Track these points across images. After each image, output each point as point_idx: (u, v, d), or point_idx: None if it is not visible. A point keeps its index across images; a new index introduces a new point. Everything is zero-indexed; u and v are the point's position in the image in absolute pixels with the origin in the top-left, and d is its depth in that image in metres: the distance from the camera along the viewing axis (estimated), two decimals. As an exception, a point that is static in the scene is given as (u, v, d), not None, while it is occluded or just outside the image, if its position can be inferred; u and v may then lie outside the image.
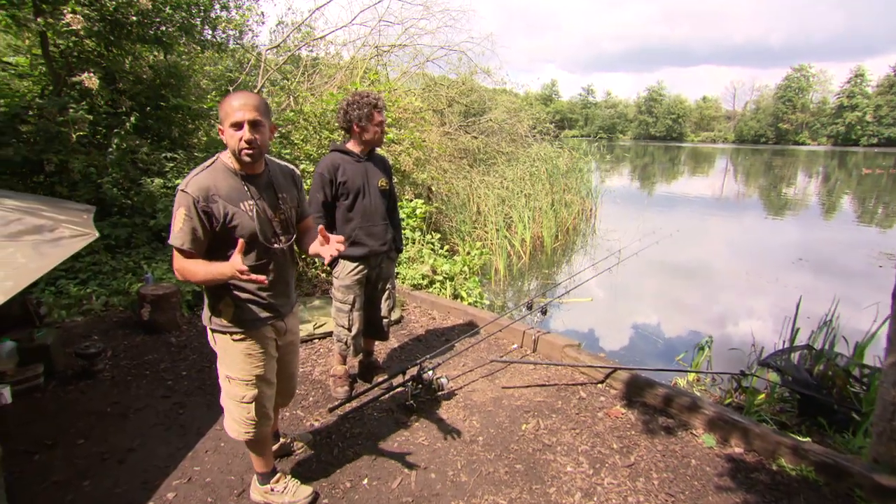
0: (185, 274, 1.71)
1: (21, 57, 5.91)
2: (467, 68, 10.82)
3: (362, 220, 2.86)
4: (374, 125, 2.79)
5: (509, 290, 7.20)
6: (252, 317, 1.87)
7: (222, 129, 1.74)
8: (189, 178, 1.71)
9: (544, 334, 3.79)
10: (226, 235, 1.74)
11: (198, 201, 1.67)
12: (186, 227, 1.67)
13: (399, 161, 6.47)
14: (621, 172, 26.83)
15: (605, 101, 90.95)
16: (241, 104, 1.69)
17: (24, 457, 2.52)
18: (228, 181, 1.76)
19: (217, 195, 1.71)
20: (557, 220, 9.97)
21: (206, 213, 1.69)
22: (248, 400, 1.91)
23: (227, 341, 1.86)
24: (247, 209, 1.78)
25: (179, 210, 1.67)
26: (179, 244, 1.68)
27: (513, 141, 12.23)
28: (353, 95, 2.78)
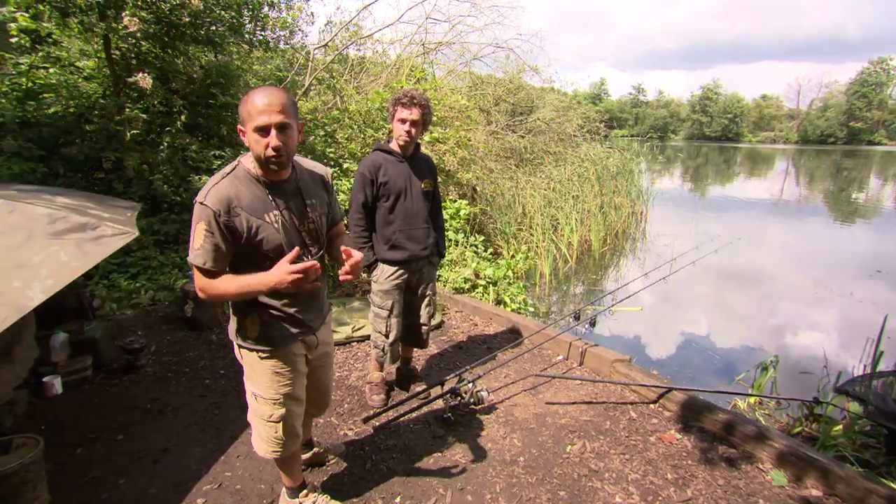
0: (210, 293, 1.56)
1: (91, 61, 6.20)
2: (515, 66, 10.58)
3: (403, 222, 2.74)
4: (397, 121, 2.62)
5: (554, 294, 6.93)
6: (280, 334, 1.74)
7: (243, 131, 1.56)
8: (208, 188, 1.53)
9: (592, 347, 3.55)
10: (250, 250, 1.59)
11: (219, 215, 1.50)
12: (208, 244, 1.51)
13: (443, 160, 6.34)
14: (673, 174, 25.66)
15: (657, 99, 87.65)
16: (266, 104, 1.47)
17: (69, 450, 2.56)
18: (252, 190, 1.59)
19: (239, 207, 1.54)
20: (606, 224, 9.57)
21: (228, 227, 1.53)
22: (276, 419, 1.80)
23: (254, 358, 1.75)
24: (272, 220, 1.61)
25: (199, 225, 1.50)
26: (201, 263, 1.52)
27: (560, 140, 11.87)
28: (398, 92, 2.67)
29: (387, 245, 2.73)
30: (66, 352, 3.25)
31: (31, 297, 1.87)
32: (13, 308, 1.81)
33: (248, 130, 1.51)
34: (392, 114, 2.64)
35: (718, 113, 76.51)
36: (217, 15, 4.70)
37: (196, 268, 1.56)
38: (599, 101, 76.53)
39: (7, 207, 2.18)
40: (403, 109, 2.57)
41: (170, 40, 5.23)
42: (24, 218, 2.17)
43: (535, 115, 11.44)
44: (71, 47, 6.42)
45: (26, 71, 5.42)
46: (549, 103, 11.99)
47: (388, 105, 2.67)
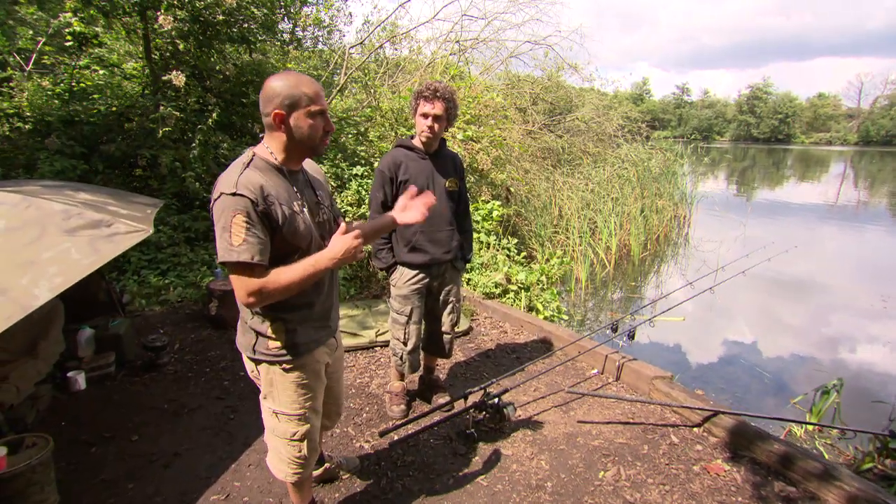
0: (272, 290, 1.37)
1: (136, 62, 6.35)
2: (553, 64, 10.26)
3: (424, 223, 2.55)
4: (419, 116, 2.45)
5: (591, 300, 6.62)
6: (306, 339, 1.60)
7: (282, 114, 1.43)
8: (232, 177, 1.38)
9: (630, 361, 3.28)
10: (280, 242, 1.45)
11: (256, 204, 1.36)
12: (252, 237, 1.35)
13: (476, 160, 6.14)
14: (718, 176, 24.49)
15: (702, 100, 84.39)
16: (318, 91, 1.46)
17: (83, 448, 2.52)
18: (277, 180, 1.49)
19: (272, 195, 1.43)
20: (647, 228, 9.13)
21: (266, 216, 1.40)
22: (300, 437, 1.65)
23: (276, 372, 1.59)
24: (298, 210, 1.52)
25: (236, 218, 1.34)
26: (249, 258, 1.33)
27: (600, 141, 11.45)
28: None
29: (406, 247, 2.57)
30: (91, 347, 3.26)
31: (36, 295, 1.80)
32: (18, 307, 1.75)
33: (301, 115, 1.43)
34: (414, 108, 2.48)
35: (768, 113, 72.89)
36: (250, 13, 4.68)
37: (241, 268, 1.35)
38: (641, 102, 74.38)
39: (24, 203, 2.15)
40: (426, 103, 2.40)
41: (205, 39, 5.28)
42: (40, 214, 2.13)
43: (574, 114, 11.07)
44: (118, 48, 6.62)
45: (77, 73, 5.61)
46: (588, 102, 11.58)
47: (411, 99, 2.51)
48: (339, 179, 5.63)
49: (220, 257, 1.37)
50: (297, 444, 1.67)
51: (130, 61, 6.48)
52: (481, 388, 2.71)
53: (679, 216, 11.03)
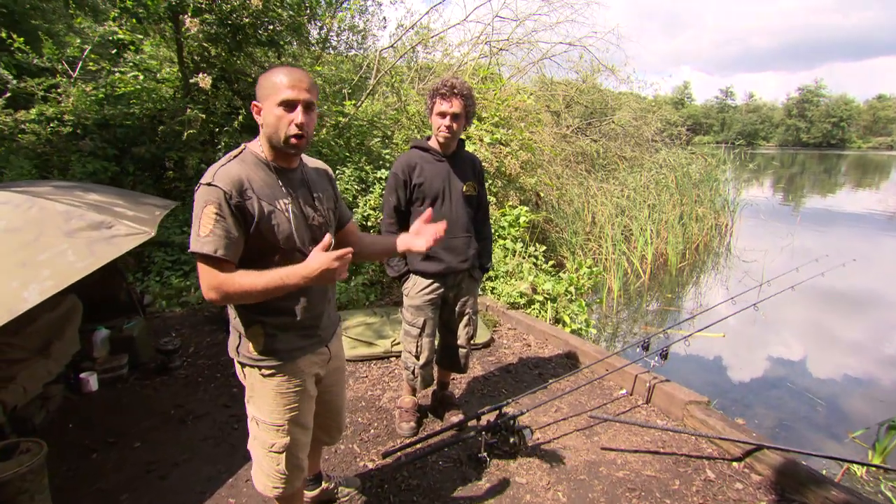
0: (228, 290, 1.30)
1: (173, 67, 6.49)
2: (589, 66, 9.94)
3: None
4: (436, 115, 2.29)
5: (624, 312, 6.28)
6: (287, 346, 1.49)
7: (259, 107, 1.39)
8: (214, 169, 1.35)
9: (662, 382, 3.01)
10: (258, 240, 1.38)
11: (230, 196, 1.30)
12: (219, 229, 1.30)
13: (504, 164, 5.95)
14: (763, 183, 23.25)
15: (747, 104, 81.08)
16: (294, 80, 1.34)
17: (85, 453, 2.48)
18: (261, 174, 1.40)
19: (251, 189, 1.35)
20: (686, 236, 8.67)
21: (239, 209, 1.33)
22: (279, 449, 1.54)
23: (256, 377, 1.50)
24: (283, 208, 1.42)
25: (207, 208, 1.29)
26: (211, 250, 1.28)
27: (637, 146, 11.02)
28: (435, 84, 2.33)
29: (420, 255, 2.41)
30: (106, 348, 3.25)
31: (25, 298, 1.74)
32: (4, 310, 1.68)
33: (270, 106, 1.36)
34: (430, 107, 2.33)
35: (820, 117, 69.28)
36: (276, 14, 4.67)
37: (204, 260, 1.30)
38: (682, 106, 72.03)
39: (28, 203, 2.11)
40: (443, 101, 2.24)
41: (236, 43, 5.31)
42: (42, 215, 2.08)
43: (610, 118, 10.70)
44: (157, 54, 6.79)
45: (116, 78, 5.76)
46: (624, 106, 11.17)
47: (426, 97, 2.35)
48: (364, 183, 5.55)
49: (190, 247, 1.32)
50: (275, 456, 1.55)
51: (168, 66, 6.64)
52: (496, 408, 2.51)
53: (720, 224, 10.46)
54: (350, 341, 3.69)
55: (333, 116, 6.31)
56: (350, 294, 4.53)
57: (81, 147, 4.87)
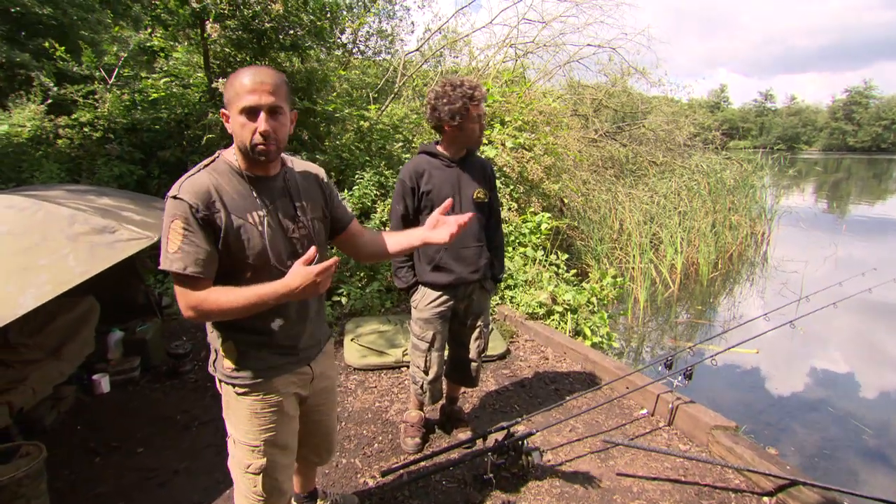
0: (205, 309, 1.25)
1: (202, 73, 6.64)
2: (619, 69, 9.67)
3: None
4: (471, 122, 2.20)
5: (651, 324, 6.02)
6: (261, 365, 1.41)
7: (227, 115, 1.32)
8: (182, 180, 1.28)
9: (686, 403, 2.81)
10: (227, 256, 1.30)
11: (196, 210, 1.24)
12: (188, 245, 1.24)
13: (526, 168, 5.80)
14: (804, 190, 22.18)
15: (788, 107, 77.95)
16: (255, 83, 1.26)
17: (88, 457, 2.48)
18: (233, 185, 1.32)
19: (219, 202, 1.28)
20: (719, 245, 8.30)
21: (207, 222, 1.26)
22: (254, 470, 1.46)
23: (231, 394, 1.44)
24: (256, 222, 1.33)
25: (174, 223, 1.24)
26: (181, 268, 1.22)
27: (668, 150, 10.65)
28: (443, 86, 2.20)
29: (430, 265, 2.31)
30: (119, 350, 3.27)
31: (21, 303, 1.72)
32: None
33: (233, 113, 1.29)
34: (461, 111, 2.17)
35: (869, 120, 65.94)
36: (297, 19, 4.68)
37: (177, 278, 1.25)
38: (718, 110, 69.88)
39: (34, 207, 2.11)
40: (478, 106, 2.17)
41: (260, 48, 5.36)
42: (47, 219, 2.08)
43: (641, 121, 10.38)
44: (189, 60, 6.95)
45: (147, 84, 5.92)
46: (655, 109, 10.83)
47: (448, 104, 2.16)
48: (384, 188, 5.50)
49: (161, 264, 1.25)
50: (251, 478, 1.48)
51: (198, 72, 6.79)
52: (504, 429, 2.38)
53: (756, 233, 9.99)
54: (361, 349, 3.61)
55: (355, 121, 6.30)
56: (365, 300, 4.47)
57: (109, 151, 5.00)
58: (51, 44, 6.41)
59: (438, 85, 2.21)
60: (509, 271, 4.80)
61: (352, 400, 3.08)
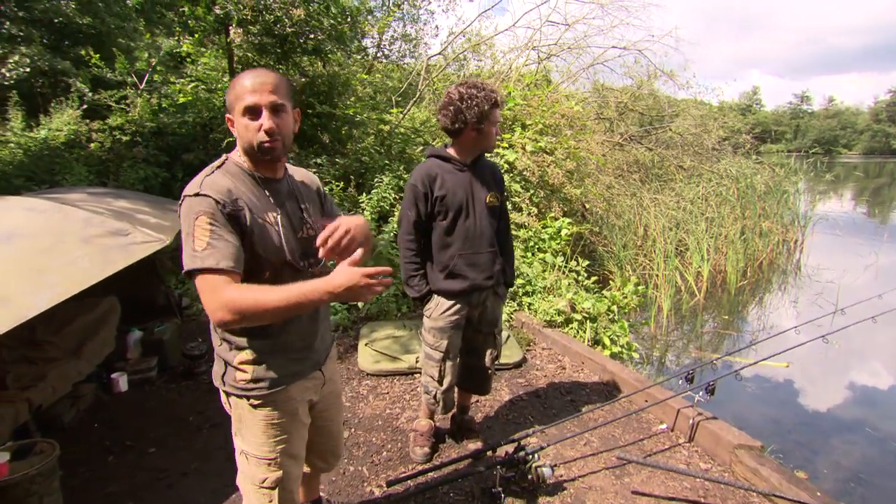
0: (242, 307, 1.14)
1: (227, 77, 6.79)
2: (645, 71, 9.46)
3: (464, 245, 2.24)
4: (491, 126, 2.18)
5: (674, 333, 5.82)
6: (278, 373, 1.38)
7: (231, 119, 1.31)
8: (198, 180, 1.25)
9: (708, 420, 2.68)
10: (249, 256, 1.26)
11: (223, 205, 1.21)
12: (218, 241, 1.17)
13: (547, 173, 5.70)
14: (842, 195, 21.25)
15: (826, 109, 75.10)
16: (256, 83, 1.25)
17: (103, 456, 2.52)
18: (248, 186, 1.31)
19: (241, 199, 1.26)
20: (748, 252, 8.00)
21: (232, 218, 1.22)
22: (270, 484, 1.43)
23: (244, 407, 1.39)
24: (273, 222, 1.32)
25: (200, 219, 1.18)
26: (213, 263, 1.15)
27: (696, 154, 10.35)
28: (465, 87, 2.14)
29: (443, 273, 2.25)
30: (138, 350, 3.33)
31: (34, 304, 1.75)
32: (12, 317, 1.69)
33: (237, 115, 1.28)
34: (480, 116, 2.15)
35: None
36: (318, 23, 4.73)
37: (206, 276, 1.16)
38: (750, 113, 67.83)
39: (53, 210, 2.16)
40: (497, 110, 2.16)
41: (283, 53, 5.44)
42: (64, 221, 2.12)
43: (667, 125, 10.13)
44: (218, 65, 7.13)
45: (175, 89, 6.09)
46: (682, 112, 10.55)
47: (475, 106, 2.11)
48: (402, 192, 5.50)
49: (186, 266, 1.18)
50: (266, 493, 1.44)
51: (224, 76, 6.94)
52: (514, 441, 2.31)
53: (789, 240, 9.60)
54: (374, 354, 3.59)
55: (375, 125, 6.33)
56: (381, 304, 4.46)
57: (136, 154, 5.14)
58: (87, 51, 6.65)
59: (460, 87, 2.16)
60: (528, 277, 4.72)
61: (363, 406, 3.06)
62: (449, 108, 2.15)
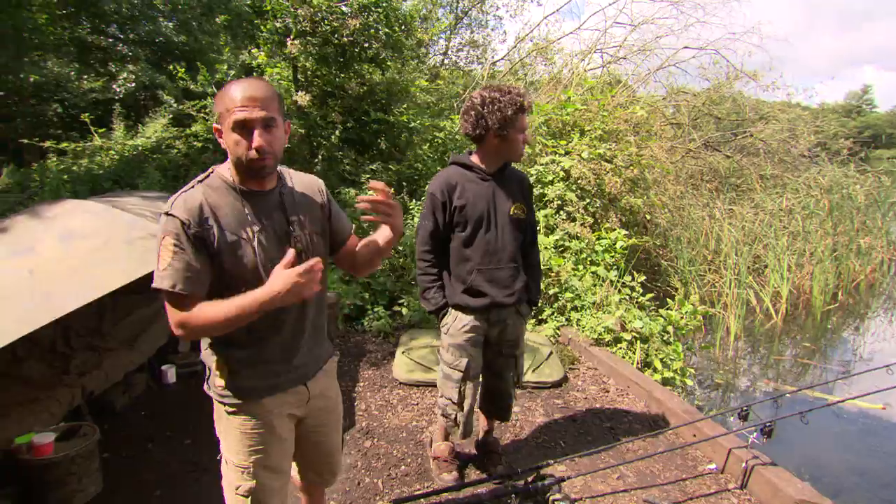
0: (193, 326, 1.24)
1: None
2: (724, 73, 8.77)
3: (483, 259, 2.14)
4: (517, 133, 2.06)
5: (743, 360, 5.30)
6: (251, 384, 1.38)
7: (219, 130, 1.29)
8: (175, 196, 1.28)
9: (765, 466, 2.37)
10: (220, 272, 1.29)
11: (188, 226, 1.23)
12: (178, 262, 1.22)
13: (603, 181, 5.42)
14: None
15: (956, 110, 65.67)
16: (246, 97, 1.22)
17: (143, 443, 2.67)
18: (227, 200, 1.30)
19: (212, 217, 1.26)
20: (840, 272, 7.14)
21: (199, 239, 1.25)
22: (243, 493, 1.42)
23: (221, 412, 1.42)
24: (249, 237, 1.31)
25: (165, 240, 1.23)
26: (169, 285, 1.21)
27: (781, 162, 9.43)
28: (488, 91, 2.05)
29: (462, 286, 2.16)
30: (188, 345, 3.53)
31: (69, 303, 1.87)
32: (47, 313, 1.83)
33: (226, 129, 1.26)
34: (505, 121, 2.04)
35: None
36: (373, 32, 4.82)
37: (166, 295, 1.23)
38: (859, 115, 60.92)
39: (105, 212, 2.33)
40: (524, 116, 2.05)
41: (345, 62, 5.62)
42: (113, 223, 2.28)
43: (749, 130, 9.31)
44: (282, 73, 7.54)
45: None
46: (767, 115, 9.64)
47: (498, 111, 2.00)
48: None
49: (153, 283, 1.24)
50: (241, 500, 1.43)
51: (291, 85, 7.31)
52: (534, 469, 2.17)
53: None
54: (409, 363, 3.56)
55: (430, 132, 6.35)
56: (423, 313, 4.43)
57: (204, 160, 5.51)
58: (175, 66, 7.28)
59: (484, 90, 2.07)
60: (576, 291, 4.49)
61: (391, 416, 3.03)
62: (470, 112, 2.07)
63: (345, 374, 3.55)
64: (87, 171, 6.25)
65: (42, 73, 10.44)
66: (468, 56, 15.02)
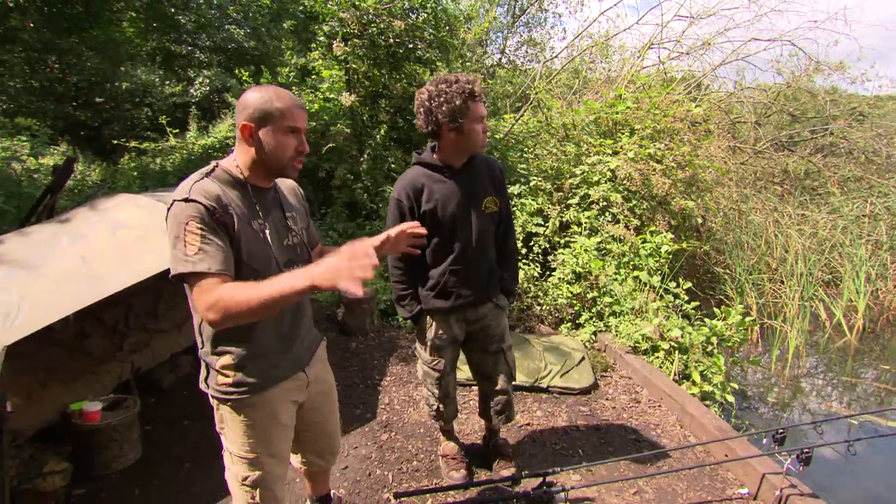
0: (228, 306, 1.18)
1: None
2: (801, 65, 8.06)
3: (457, 260, 2.06)
4: (472, 123, 1.90)
5: (806, 379, 4.86)
6: (257, 377, 1.44)
7: (251, 127, 1.34)
8: (186, 185, 1.30)
9: (803, 497, 2.18)
10: (236, 262, 1.33)
11: (213, 211, 1.25)
12: (209, 245, 1.22)
13: (652, 182, 5.17)
14: None
15: None
16: (299, 106, 1.39)
17: (181, 420, 2.90)
18: (237, 194, 1.38)
19: (230, 206, 1.32)
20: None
21: (222, 224, 1.27)
22: (251, 483, 1.51)
23: (225, 410, 1.48)
24: (258, 229, 1.39)
25: (190, 224, 1.23)
26: (205, 268, 1.20)
27: (869, 162, 8.52)
28: (434, 84, 1.91)
29: (433, 291, 2.11)
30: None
31: (108, 288, 2.07)
32: (93, 294, 2.03)
33: (275, 130, 1.35)
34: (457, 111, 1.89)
35: None
36: (419, 34, 4.89)
37: (196, 279, 1.22)
38: (977, 111, 53.37)
39: (150, 206, 2.54)
40: (479, 104, 1.91)
41: (395, 63, 5.76)
42: (154, 216, 2.48)
43: (829, 127, 8.50)
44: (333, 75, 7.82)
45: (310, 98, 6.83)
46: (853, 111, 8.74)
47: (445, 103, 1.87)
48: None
49: (173, 269, 1.25)
50: (248, 490, 1.52)
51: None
52: (539, 475, 2.13)
53: None
54: (435, 360, 3.59)
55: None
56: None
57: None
58: (240, 70, 7.78)
59: (430, 84, 1.94)
60: (615, 296, 4.32)
61: (411, 411, 3.08)
62: (420, 109, 1.95)
63: (374, 367, 3.64)
64: (160, 169, 6.85)
65: (133, 81, 11.55)
66: (526, 54, 14.81)
